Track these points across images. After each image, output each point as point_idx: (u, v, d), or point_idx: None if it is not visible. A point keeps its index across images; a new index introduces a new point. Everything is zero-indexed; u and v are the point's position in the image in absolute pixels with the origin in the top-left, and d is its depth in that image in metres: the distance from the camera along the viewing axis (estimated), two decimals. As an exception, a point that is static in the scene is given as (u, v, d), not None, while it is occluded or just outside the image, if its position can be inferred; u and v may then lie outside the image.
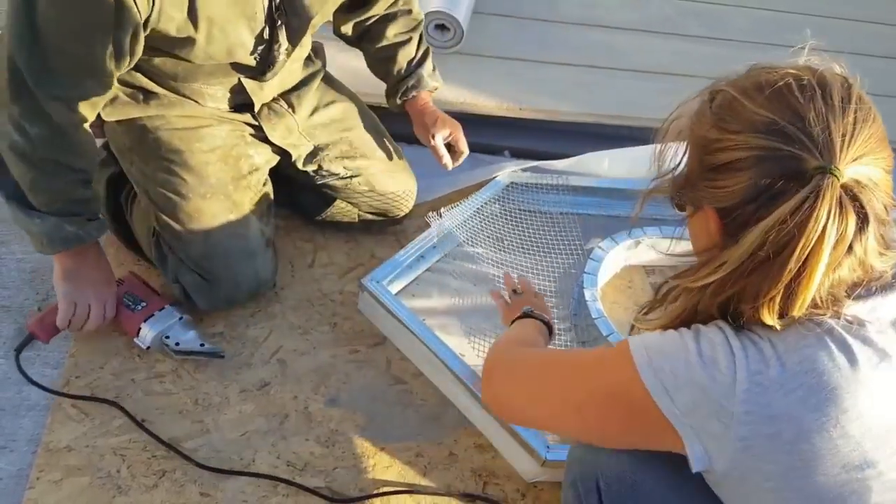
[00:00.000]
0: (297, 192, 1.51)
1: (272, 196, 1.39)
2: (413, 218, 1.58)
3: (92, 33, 0.98)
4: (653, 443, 0.75)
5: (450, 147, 1.44)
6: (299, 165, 1.42)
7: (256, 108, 1.32)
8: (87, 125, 1.08)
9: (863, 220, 0.65)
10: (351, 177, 1.46)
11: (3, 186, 1.10)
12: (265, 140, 1.36)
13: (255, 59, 1.19)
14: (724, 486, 0.73)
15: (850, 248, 0.66)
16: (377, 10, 1.38)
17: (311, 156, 1.43)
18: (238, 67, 1.21)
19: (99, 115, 1.16)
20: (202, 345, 1.25)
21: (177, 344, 1.24)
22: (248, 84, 1.27)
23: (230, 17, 1.09)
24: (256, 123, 1.34)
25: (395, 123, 1.53)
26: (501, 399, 0.92)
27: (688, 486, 0.76)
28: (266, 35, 1.16)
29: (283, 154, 1.40)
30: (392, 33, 1.39)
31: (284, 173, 1.44)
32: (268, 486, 1.13)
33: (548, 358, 0.90)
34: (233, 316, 1.36)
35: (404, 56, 1.41)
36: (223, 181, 1.28)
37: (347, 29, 1.40)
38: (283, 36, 1.19)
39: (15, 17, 0.96)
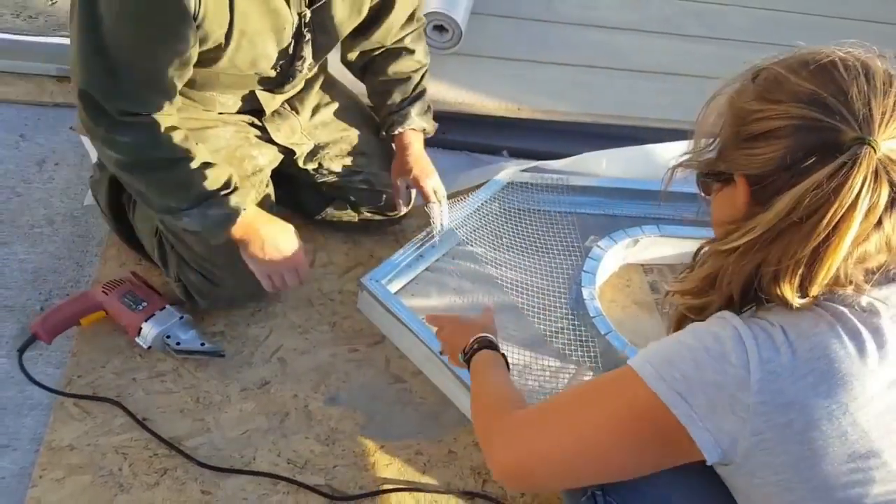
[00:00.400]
0: (298, 191, 1.52)
1: (273, 197, 1.40)
2: (412, 217, 1.58)
3: (157, 46, 1.02)
4: (670, 459, 0.74)
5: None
6: (300, 163, 1.43)
7: (266, 116, 1.34)
8: (167, 125, 1.10)
9: (895, 195, 0.66)
10: (350, 175, 1.47)
11: (152, 206, 1.16)
12: (269, 140, 1.38)
13: (275, 71, 1.21)
14: (732, 475, 0.73)
15: (880, 222, 0.66)
16: (383, 40, 1.39)
17: (312, 154, 1.44)
18: (258, 79, 1.23)
19: None
20: (202, 344, 1.26)
21: (177, 343, 1.25)
22: (262, 95, 1.29)
23: (260, 30, 1.11)
24: (261, 124, 1.36)
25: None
26: (509, 468, 0.82)
27: (686, 473, 0.76)
28: (290, 49, 1.18)
29: (287, 153, 1.41)
30: (392, 70, 1.42)
31: (285, 172, 1.45)
32: (268, 484, 1.14)
33: (544, 406, 0.86)
34: (233, 315, 1.37)
35: (399, 93, 1.44)
36: (226, 182, 1.29)
37: (353, 56, 1.42)
38: (308, 51, 1.21)
39: (81, 42, 1.01)
